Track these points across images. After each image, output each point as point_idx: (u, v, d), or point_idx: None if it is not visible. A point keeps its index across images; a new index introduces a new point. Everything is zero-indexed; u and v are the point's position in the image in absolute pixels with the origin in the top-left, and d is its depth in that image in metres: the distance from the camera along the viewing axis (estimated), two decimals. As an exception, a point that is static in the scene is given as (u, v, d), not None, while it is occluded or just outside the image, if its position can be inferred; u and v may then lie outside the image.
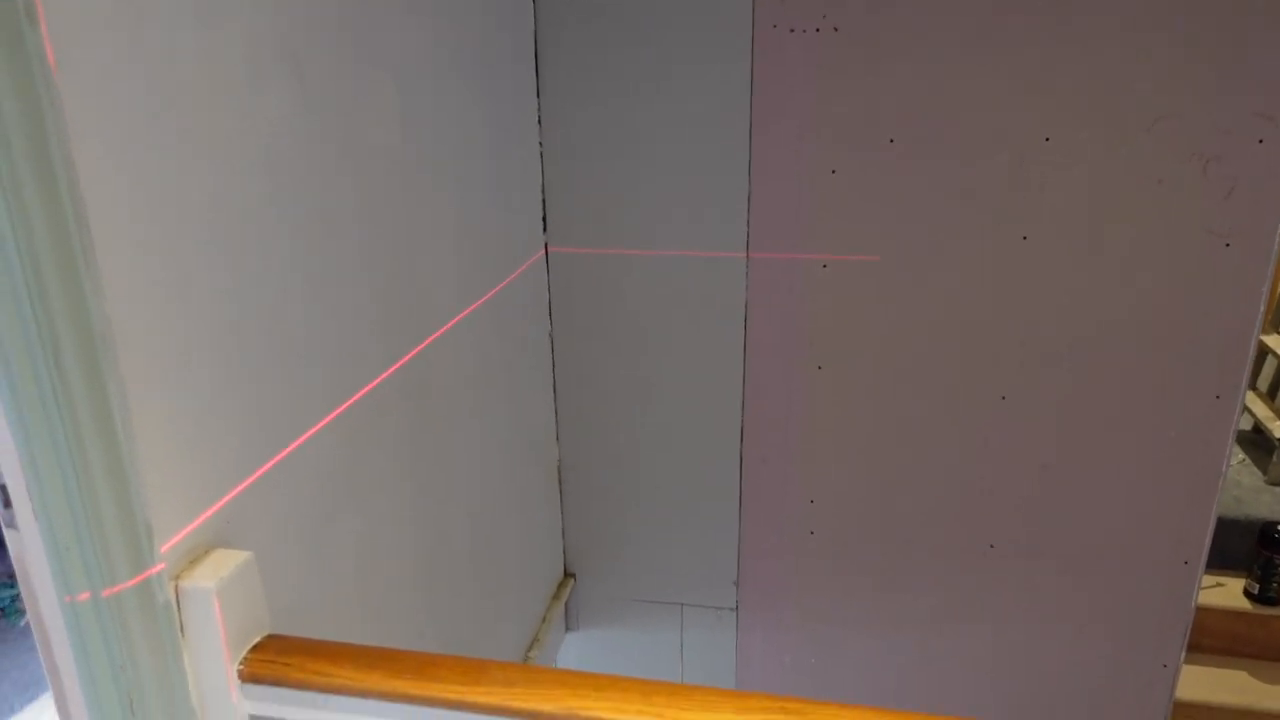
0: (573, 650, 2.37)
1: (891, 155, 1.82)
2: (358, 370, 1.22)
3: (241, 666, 0.93)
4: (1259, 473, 2.86)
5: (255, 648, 0.95)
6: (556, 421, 2.19)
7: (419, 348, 1.41)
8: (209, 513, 0.92)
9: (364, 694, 0.91)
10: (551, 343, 2.10)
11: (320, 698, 0.92)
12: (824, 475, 2.09)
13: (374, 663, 0.93)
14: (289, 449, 1.07)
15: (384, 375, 1.30)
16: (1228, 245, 1.77)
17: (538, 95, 1.91)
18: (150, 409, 0.82)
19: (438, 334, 1.47)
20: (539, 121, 1.93)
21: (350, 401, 1.21)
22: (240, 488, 0.97)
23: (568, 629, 2.37)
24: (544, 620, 2.17)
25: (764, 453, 2.10)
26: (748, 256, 1.95)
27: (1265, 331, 3.06)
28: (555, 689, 0.89)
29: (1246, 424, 3.05)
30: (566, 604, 2.30)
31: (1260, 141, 1.69)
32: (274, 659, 0.93)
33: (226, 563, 0.92)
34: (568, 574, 2.30)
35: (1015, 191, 1.80)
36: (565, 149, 1.94)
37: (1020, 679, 2.16)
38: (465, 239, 1.56)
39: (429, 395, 1.45)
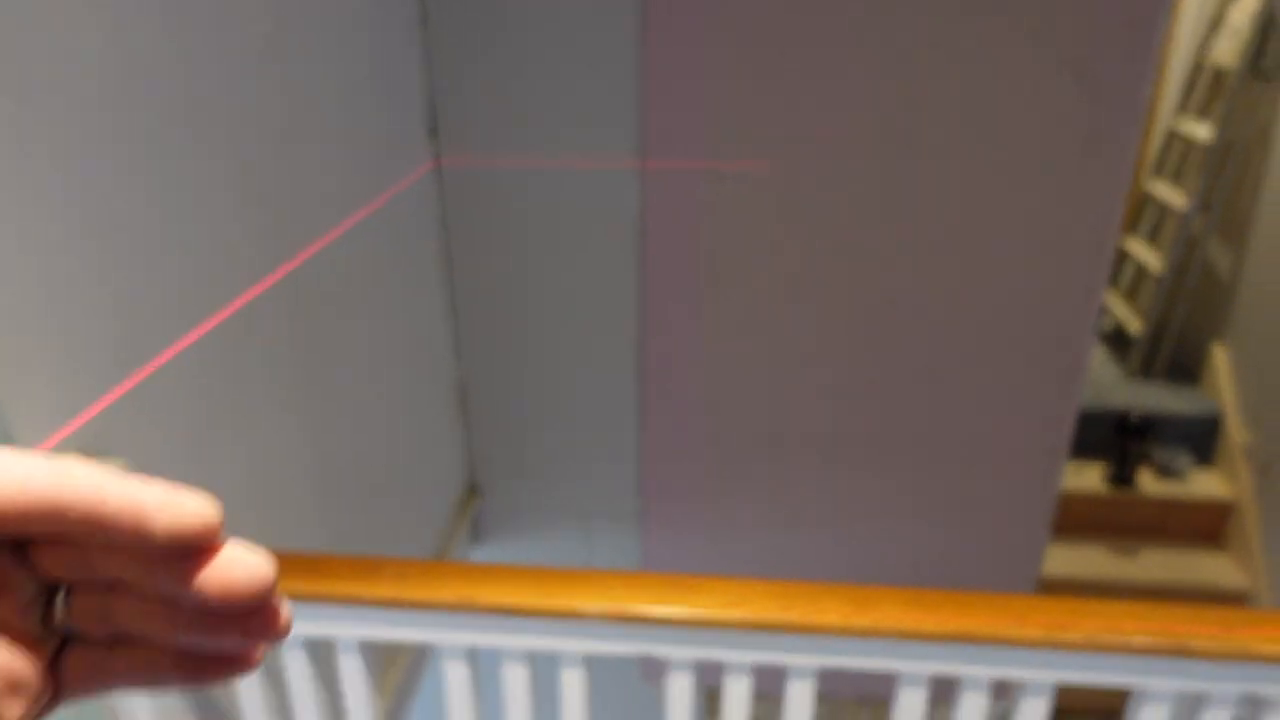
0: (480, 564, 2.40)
1: (782, 59, 1.83)
2: (233, 279, 1.17)
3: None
4: (1118, 367, 3.07)
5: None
6: (456, 339, 2.16)
7: (299, 259, 1.36)
8: (76, 423, 0.89)
9: (256, 596, 0.90)
10: (449, 260, 2.06)
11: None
12: (722, 384, 2.15)
13: (265, 566, 0.92)
14: (162, 358, 1.03)
15: (263, 285, 1.26)
16: (1091, 149, 1.86)
17: (418, -4, 1.83)
18: (4, 316, 0.77)
19: (319, 245, 1.43)
20: (422, 21, 1.85)
21: (227, 312, 1.17)
22: (109, 398, 0.93)
23: (474, 543, 2.39)
24: (449, 535, 2.19)
25: (662, 362, 2.14)
26: (643, 166, 1.95)
27: (1124, 234, 3.26)
28: (451, 579, 0.91)
29: (1108, 323, 3.26)
30: (473, 519, 2.32)
31: (1123, 50, 1.77)
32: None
33: (101, 473, 0.89)
34: (473, 490, 2.31)
35: (900, 100, 1.84)
36: (453, 54, 1.88)
37: (904, 565, 2.30)
38: (345, 144, 1.50)
39: (314, 308, 1.41)
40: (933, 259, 1.99)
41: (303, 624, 0.93)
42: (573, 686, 0.96)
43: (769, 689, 1.03)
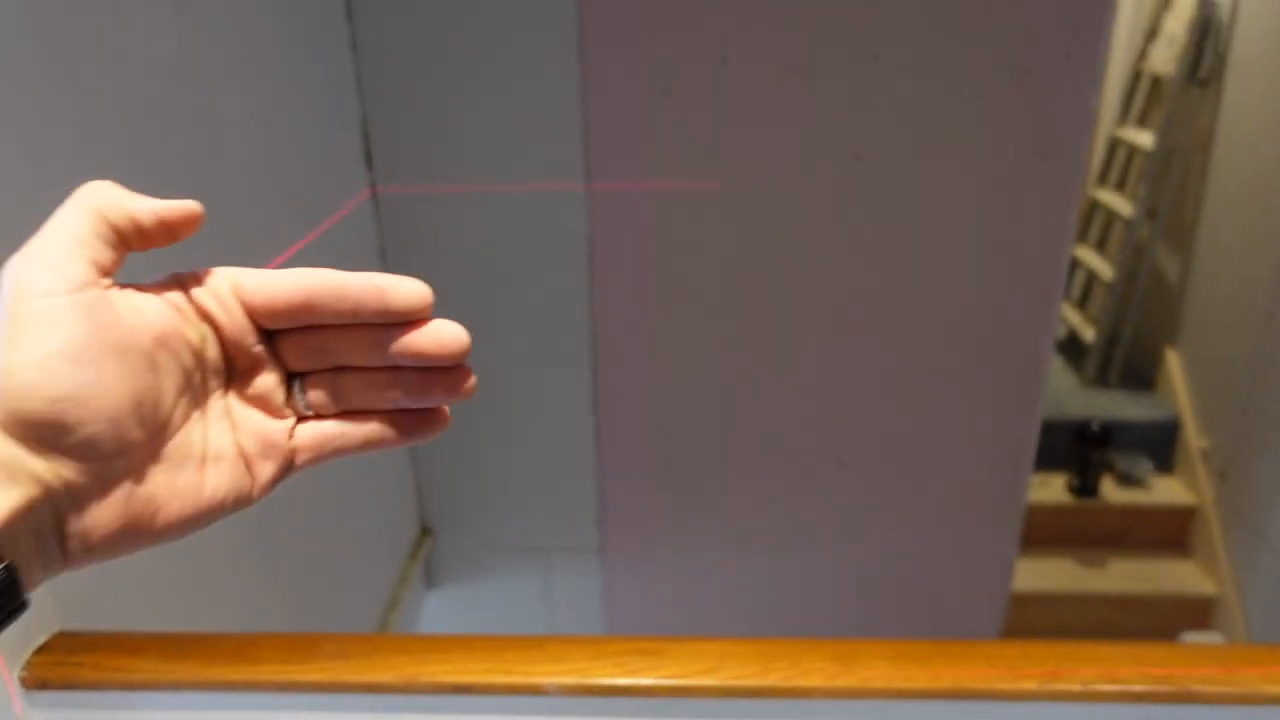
0: (435, 609, 2.30)
1: (726, 74, 1.78)
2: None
3: (24, 673, 0.81)
4: (1074, 376, 3.08)
5: (40, 649, 0.83)
6: (399, 373, 2.07)
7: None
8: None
9: (175, 687, 0.81)
10: (386, 290, 1.97)
11: (123, 697, 0.82)
12: (678, 408, 2.08)
13: (185, 650, 0.83)
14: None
15: (185, 332, 1.16)
16: (1040, 157, 1.84)
17: (349, 19, 1.75)
18: None
19: (248, 284, 1.33)
20: (352, 45, 1.77)
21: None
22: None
23: (429, 587, 2.28)
24: (401, 580, 2.08)
25: (617, 391, 2.06)
26: (588, 188, 1.88)
27: (1074, 243, 3.28)
28: (394, 657, 0.82)
29: (1062, 332, 3.28)
30: (426, 560, 2.21)
31: (1067, 56, 1.75)
32: (64, 659, 0.82)
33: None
34: (425, 530, 2.21)
35: (847, 112, 1.80)
36: (386, 78, 1.79)
37: (876, 586, 2.26)
38: (272, 176, 1.41)
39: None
40: (887, 273, 1.95)
41: (232, 713, 0.84)
42: (534, 763, 0.87)
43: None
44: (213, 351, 0.34)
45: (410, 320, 0.33)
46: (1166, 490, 2.69)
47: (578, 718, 0.83)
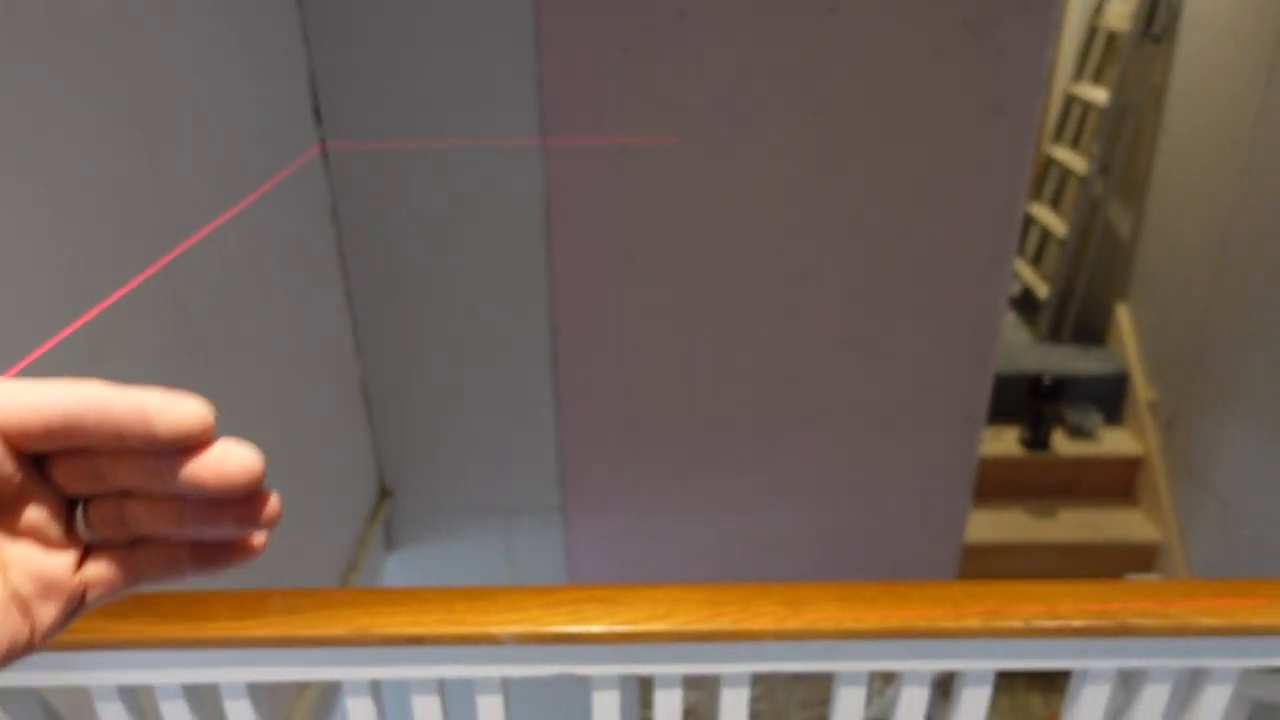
0: (396, 571, 2.29)
1: (683, 27, 1.76)
2: (92, 283, 1.04)
3: (-37, 635, 0.79)
4: (1028, 331, 3.13)
5: (-20, 611, 0.81)
6: (355, 334, 2.04)
7: (168, 257, 1.23)
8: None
9: (120, 645, 0.80)
10: (340, 253, 1.93)
11: (67, 656, 0.81)
12: (639, 367, 2.08)
13: (128, 610, 0.81)
14: (11, 371, 0.91)
15: (128, 287, 1.13)
16: (996, 113, 1.85)
17: (292, -31, 1.69)
18: None
19: (191, 242, 1.30)
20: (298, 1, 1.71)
21: (86, 317, 1.04)
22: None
23: (389, 549, 2.28)
24: (361, 543, 2.07)
25: (576, 347, 2.06)
26: (543, 144, 1.86)
27: (1028, 200, 3.32)
28: (346, 610, 0.82)
29: (1016, 288, 3.33)
30: (386, 522, 2.20)
31: (1024, 9, 1.75)
32: None
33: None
34: (384, 491, 2.20)
35: (805, 65, 1.79)
36: (334, 31, 1.74)
37: (833, 541, 2.29)
38: (215, 129, 1.37)
39: (191, 309, 1.28)
40: (844, 229, 1.96)
41: (181, 671, 0.83)
42: (490, 712, 0.88)
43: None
44: None
45: (186, 446, 0.29)
46: (1115, 441, 2.76)
47: (532, 665, 0.83)
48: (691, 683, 0.88)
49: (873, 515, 2.26)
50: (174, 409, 0.28)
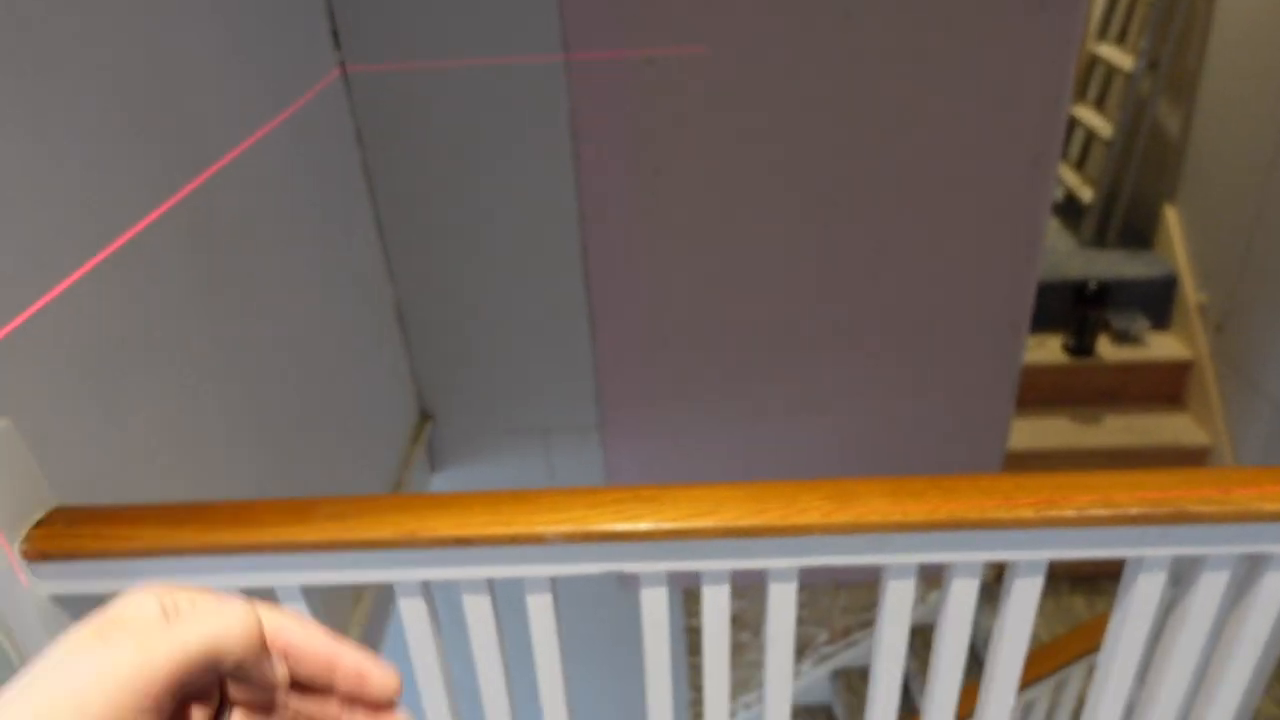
0: (440, 491, 2.33)
1: (708, -74, 1.68)
2: (120, 209, 1.04)
3: (25, 545, 0.81)
4: (1072, 237, 3.04)
5: (39, 524, 0.83)
6: (387, 259, 2.03)
7: (195, 183, 1.22)
8: (-62, 378, 0.77)
9: (178, 552, 0.81)
10: (367, 177, 1.91)
11: (128, 565, 0.82)
12: (672, 282, 2.06)
13: (184, 518, 0.83)
14: (41, 301, 0.91)
15: (155, 214, 1.13)
16: (1041, 6, 1.75)
17: (301, -122, 1.63)
18: None
19: (217, 166, 1.28)
20: (308, -89, 1.66)
21: (116, 244, 1.04)
22: (-22, 346, 0.81)
23: (433, 470, 2.31)
24: (405, 464, 2.10)
25: (608, 265, 2.03)
26: (567, 59, 1.80)
27: (1072, 101, 3.18)
28: (393, 514, 0.82)
29: (1059, 193, 3.22)
30: (429, 445, 2.23)
31: (1072, -114, 1.65)
32: (63, 531, 0.82)
33: (-24, 433, 0.78)
34: (424, 415, 2.22)
35: (837, -41, 1.71)
36: (345, -56, 1.69)
37: (875, 453, 2.28)
38: (235, 53, 1.34)
39: (223, 233, 1.28)
40: (881, 133, 1.89)
41: (236, 575, 0.85)
42: (540, 610, 0.89)
43: (749, 581, 0.97)
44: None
45: (375, 704, 0.33)
46: (1162, 346, 2.69)
47: (580, 564, 0.83)
48: (736, 590, 0.88)
49: (913, 427, 2.24)
50: (388, 673, 0.33)
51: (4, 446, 0.79)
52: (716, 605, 0.87)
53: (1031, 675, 1.85)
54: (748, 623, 2.86)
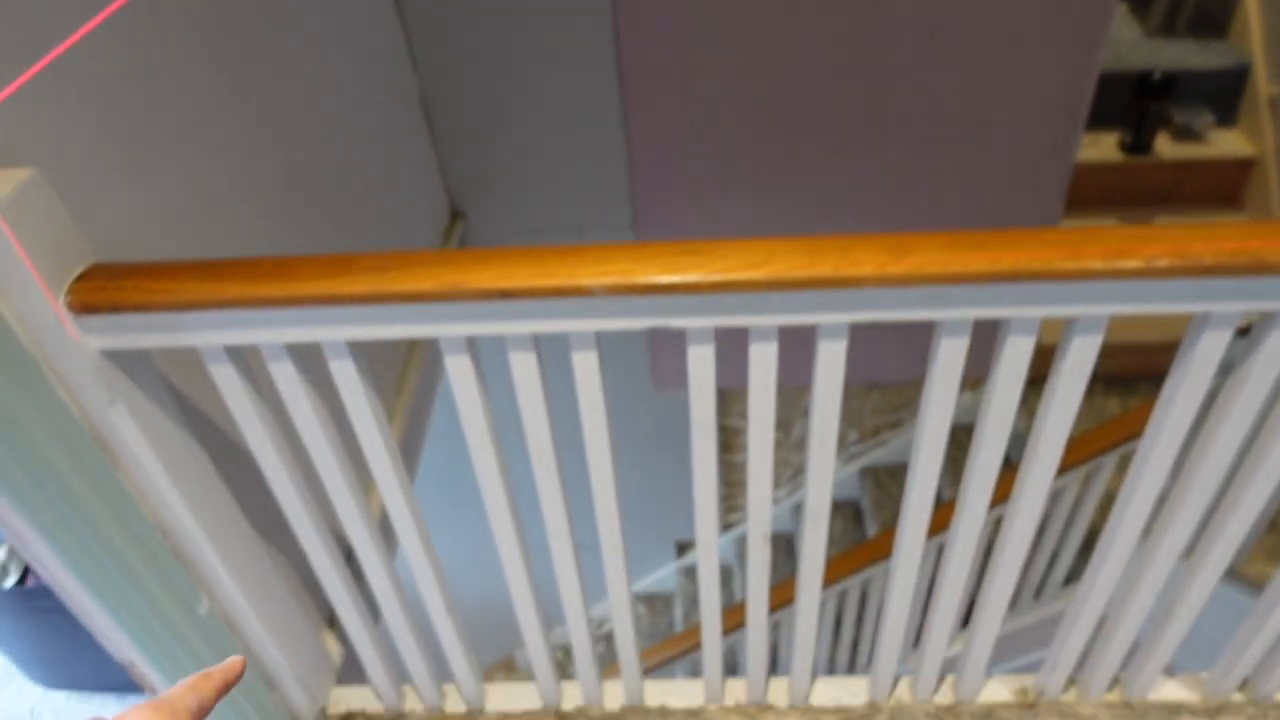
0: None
1: None
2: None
3: (69, 298, 0.80)
4: (1138, 25, 2.82)
5: (80, 277, 0.82)
6: (410, 46, 1.92)
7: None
8: (-43, 118, 0.74)
9: (220, 305, 0.80)
10: (384, -50, 1.78)
11: (172, 318, 0.82)
12: (708, 69, 1.94)
13: (224, 272, 0.81)
14: (61, 48, 0.86)
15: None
16: None
17: None
18: None
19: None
20: None
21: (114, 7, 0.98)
22: (-5, 90, 0.78)
23: (465, 272, 2.30)
24: (437, 264, 2.08)
25: (643, 52, 1.92)
26: None
27: None
28: (434, 267, 0.80)
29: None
30: (461, 243, 2.21)
31: None
32: (105, 284, 0.81)
33: (4, 182, 0.75)
34: (455, 213, 2.18)
35: None
36: None
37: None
38: None
39: (230, 23, 1.20)
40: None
41: (281, 330, 0.84)
42: (585, 368, 0.89)
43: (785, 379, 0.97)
44: None
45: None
46: (1225, 143, 2.54)
47: (626, 318, 0.82)
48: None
49: (960, 221, 2.17)
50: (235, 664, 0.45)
51: (36, 197, 0.77)
52: (764, 363, 0.86)
53: (1065, 463, 1.88)
54: (778, 422, 2.92)
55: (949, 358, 0.86)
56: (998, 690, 1.31)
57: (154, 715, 0.38)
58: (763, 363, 0.86)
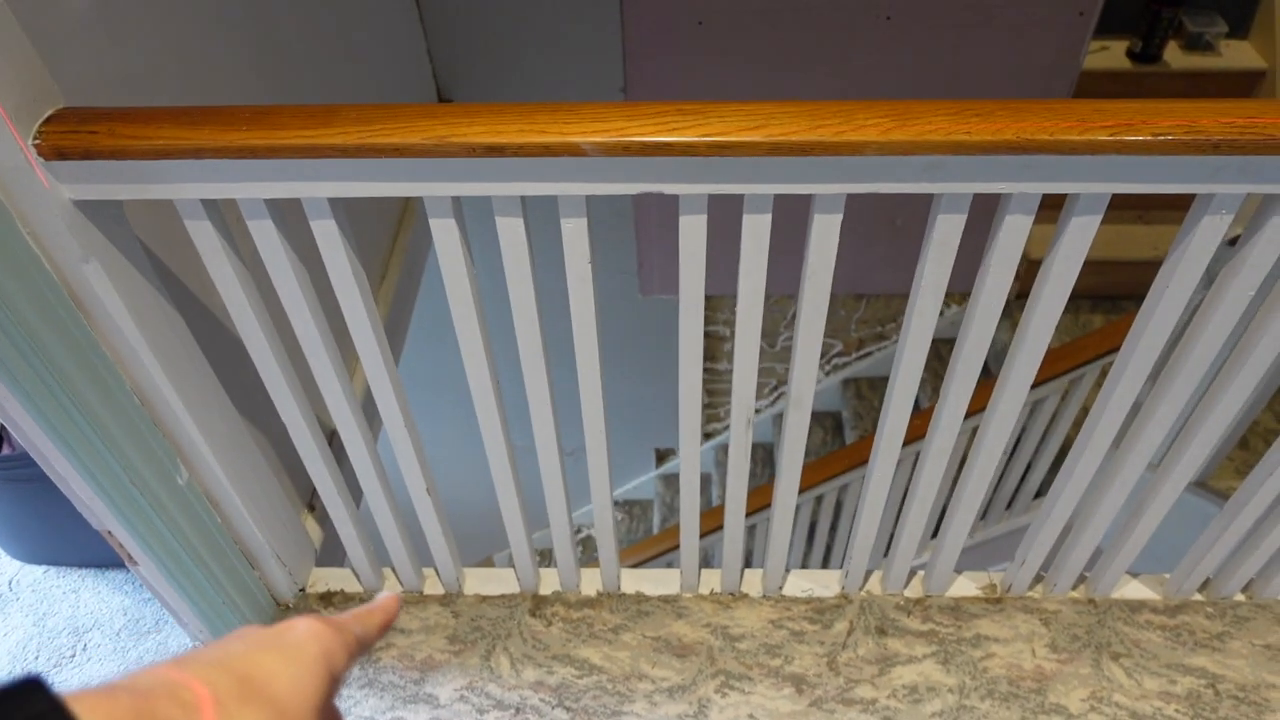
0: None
1: None
2: None
3: (38, 141, 0.77)
4: (1155, -66, 2.72)
5: (50, 119, 0.78)
6: (396, -82, 1.83)
7: None
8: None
9: (197, 153, 0.77)
10: None
11: (147, 167, 0.79)
12: (710, -46, 1.86)
13: (200, 119, 0.78)
14: None
15: None
16: None
17: None
18: None
19: None
20: None
21: None
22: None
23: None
24: (424, 153, 2.03)
25: (642, -68, 1.83)
26: None
27: None
28: (420, 120, 0.77)
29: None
30: (446, 136, 2.15)
31: None
32: (76, 129, 0.78)
33: (-36, 7, 0.71)
34: (442, 99, 2.11)
35: None
36: None
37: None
38: None
39: None
40: None
41: (260, 185, 0.82)
42: (573, 235, 0.87)
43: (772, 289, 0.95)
44: None
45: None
46: (1237, 54, 2.49)
47: (617, 182, 0.80)
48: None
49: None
50: (393, 605, 0.44)
51: (-2, 27, 0.73)
52: (756, 235, 0.85)
53: (1046, 374, 1.88)
54: (763, 331, 2.92)
55: (944, 237, 0.84)
56: (966, 585, 1.34)
57: (323, 627, 0.38)
58: (756, 234, 0.84)
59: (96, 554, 1.44)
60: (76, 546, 1.45)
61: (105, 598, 1.44)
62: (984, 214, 0.83)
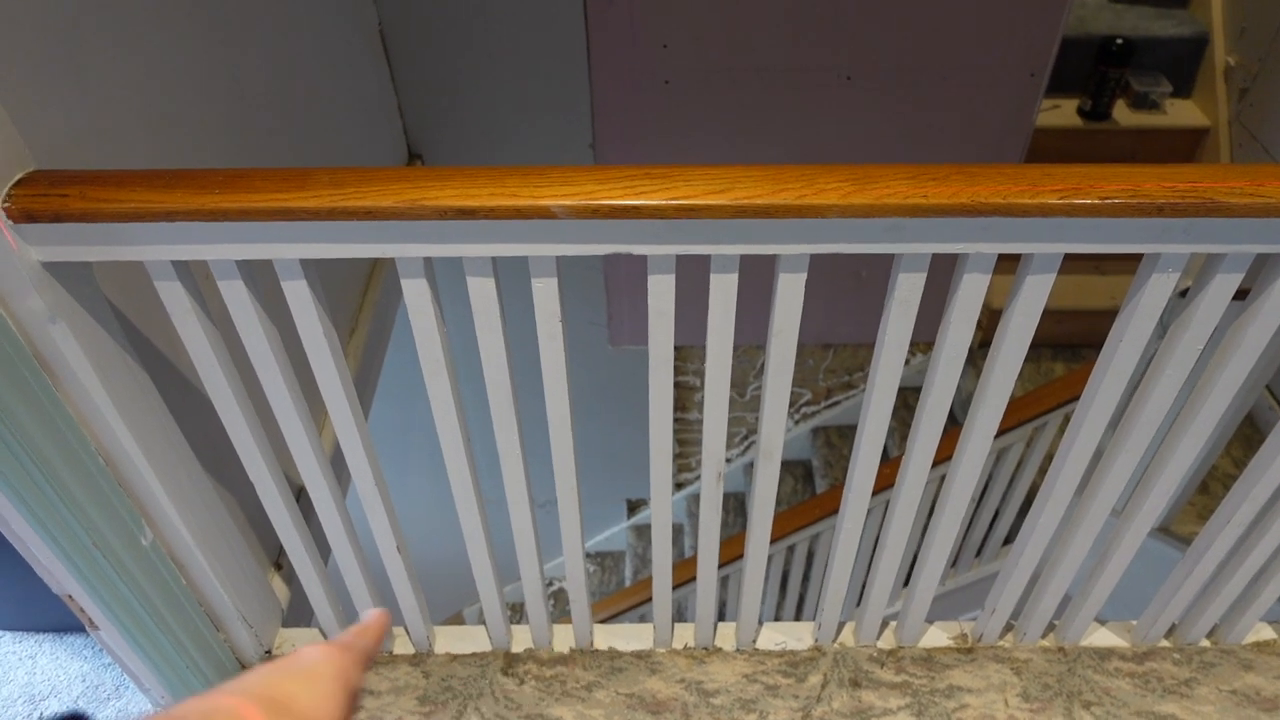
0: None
1: None
2: None
3: (8, 204, 0.77)
4: (1101, -4, 2.85)
5: (20, 183, 0.79)
6: (368, -22, 1.87)
7: None
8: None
9: (169, 216, 0.78)
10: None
11: (117, 229, 0.79)
12: (676, 16, 1.92)
13: (172, 182, 0.79)
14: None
15: None
16: None
17: None
18: None
19: None
20: None
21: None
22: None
23: (423, 218, 2.26)
24: (395, 207, 2.04)
25: (607, 5, 1.89)
26: None
27: None
28: (393, 184, 0.78)
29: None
30: (417, 190, 2.17)
31: None
32: (47, 191, 0.78)
33: (-62, 74, 0.72)
34: (413, 155, 2.14)
35: None
36: None
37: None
38: None
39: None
40: None
41: (232, 246, 0.82)
42: (545, 294, 0.88)
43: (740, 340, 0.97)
44: None
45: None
46: (1181, 113, 2.59)
47: (587, 243, 0.81)
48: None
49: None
50: (383, 620, 0.50)
51: (-30, 93, 0.73)
52: (723, 293, 0.86)
53: (1010, 422, 1.92)
54: (733, 381, 2.94)
55: (906, 295, 0.87)
56: (937, 635, 1.35)
57: (331, 648, 0.41)
58: (723, 293, 0.86)
59: (55, 618, 1.41)
60: (34, 611, 1.41)
61: (63, 663, 1.40)
62: (946, 266, 0.85)
